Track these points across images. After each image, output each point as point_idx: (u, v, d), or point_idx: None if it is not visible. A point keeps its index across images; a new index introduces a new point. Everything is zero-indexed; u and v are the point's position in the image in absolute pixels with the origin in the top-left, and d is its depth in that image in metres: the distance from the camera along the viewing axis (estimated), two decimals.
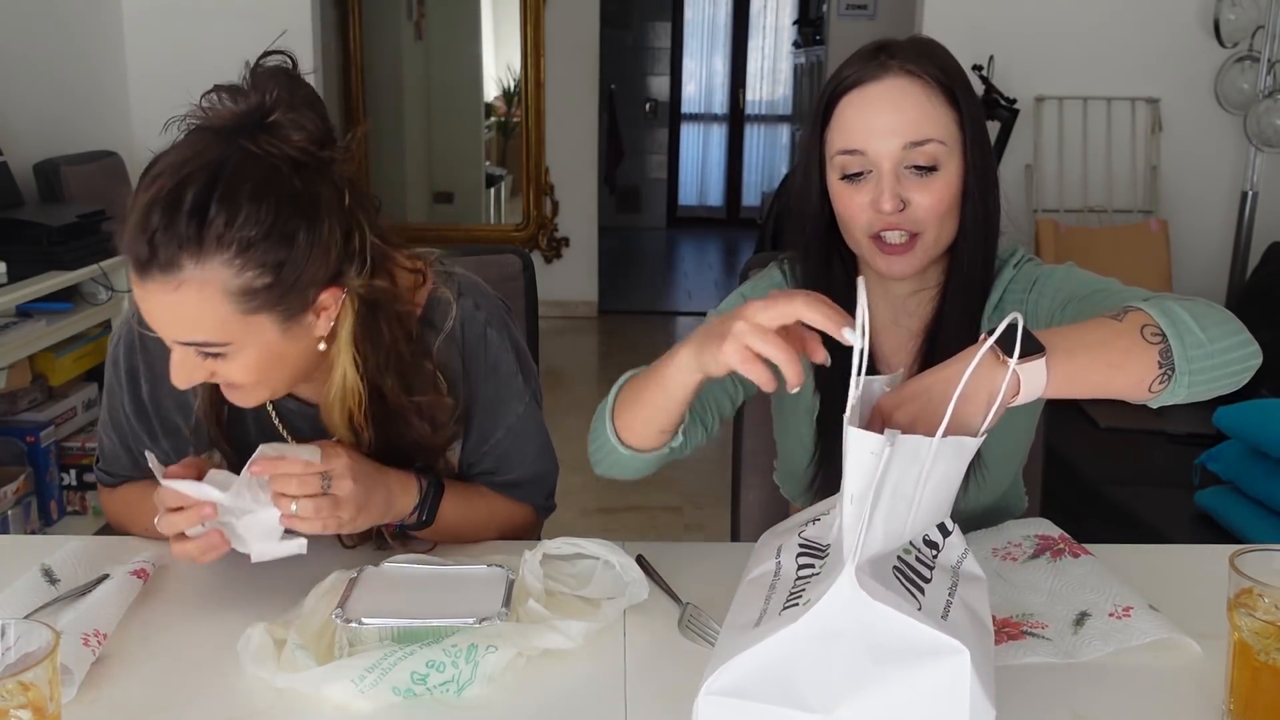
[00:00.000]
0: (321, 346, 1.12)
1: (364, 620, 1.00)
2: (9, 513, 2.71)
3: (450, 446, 1.28)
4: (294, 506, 1.06)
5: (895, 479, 0.82)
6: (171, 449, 1.25)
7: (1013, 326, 0.91)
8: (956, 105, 1.19)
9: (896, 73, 1.18)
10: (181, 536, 1.08)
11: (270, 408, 1.25)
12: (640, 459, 1.17)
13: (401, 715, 0.93)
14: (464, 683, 0.95)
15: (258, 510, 1.07)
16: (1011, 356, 0.90)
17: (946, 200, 1.19)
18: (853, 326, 0.90)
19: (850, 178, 1.20)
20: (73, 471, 2.99)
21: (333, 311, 1.11)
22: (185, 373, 1.08)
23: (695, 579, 1.15)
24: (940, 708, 0.77)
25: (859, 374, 0.87)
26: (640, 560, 1.18)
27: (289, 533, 1.09)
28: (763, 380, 0.95)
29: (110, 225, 1.03)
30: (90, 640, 0.98)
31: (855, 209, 1.20)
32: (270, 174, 1.03)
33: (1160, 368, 0.98)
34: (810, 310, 0.92)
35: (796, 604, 0.81)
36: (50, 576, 1.11)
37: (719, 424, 1.30)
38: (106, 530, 1.37)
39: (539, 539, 1.23)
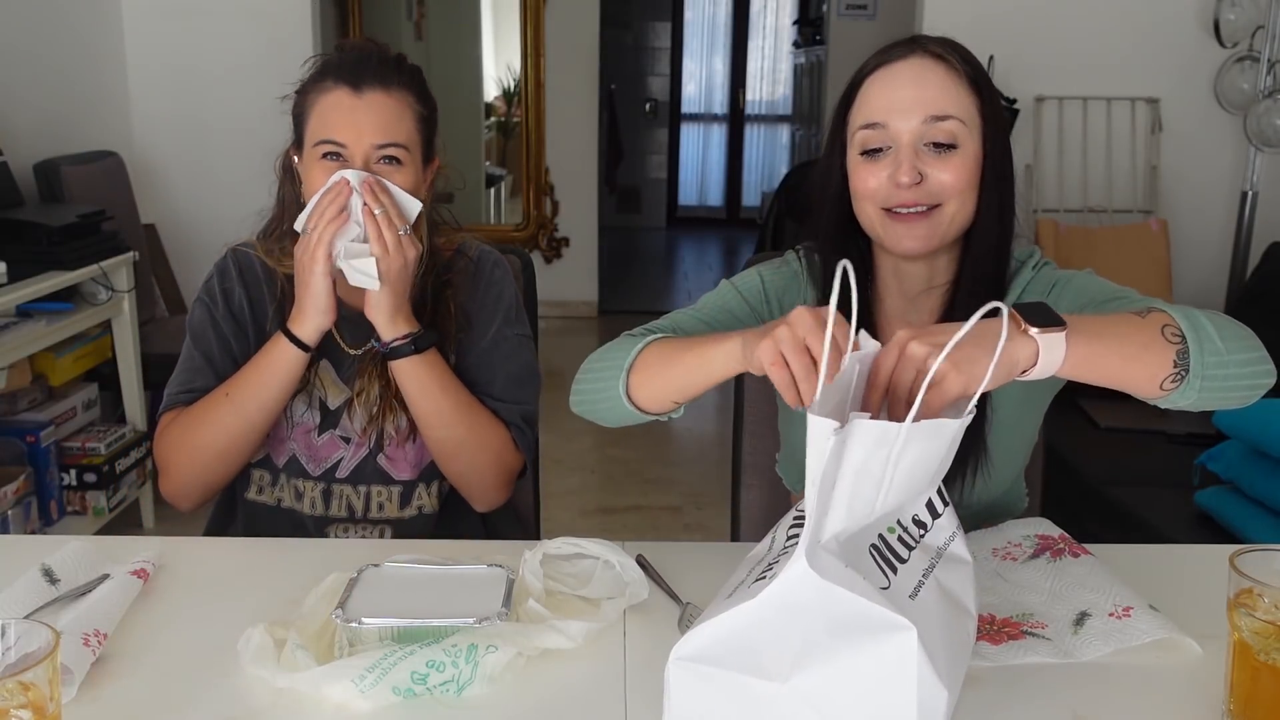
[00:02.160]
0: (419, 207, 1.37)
1: (364, 620, 1.00)
2: (9, 513, 2.70)
3: (448, 358, 1.44)
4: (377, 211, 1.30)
5: (859, 461, 0.83)
6: (254, 347, 1.42)
7: (1034, 302, 0.94)
8: (979, 94, 1.20)
9: (922, 54, 1.20)
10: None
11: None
12: (636, 416, 1.18)
13: (401, 715, 0.93)
14: (464, 683, 0.95)
15: (363, 252, 1.31)
16: (1030, 329, 0.92)
17: (965, 177, 1.19)
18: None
19: (870, 153, 1.20)
20: (73, 471, 2.98)
21: (429, 180, 1.43)
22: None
23: (695, 579, 1.15)
24: (888, 681, 0.79)
25: (825, 367, 0.88)
26: (640, 560, 1.18)
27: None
28: (785, 390, 0.96)
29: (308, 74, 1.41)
30: (90, 640, 0.98)
31: (872, 185, 1.20)
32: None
33: (1175, 367, 1.01)
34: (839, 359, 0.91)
35: (765, 578, 0.83)
36: (50, 576, 1.11)
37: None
38: (106, 530, 1.38)
39: (539, 536, 1.23)
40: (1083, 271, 1.26)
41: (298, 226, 1.33)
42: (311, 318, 1.34)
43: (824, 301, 1.28)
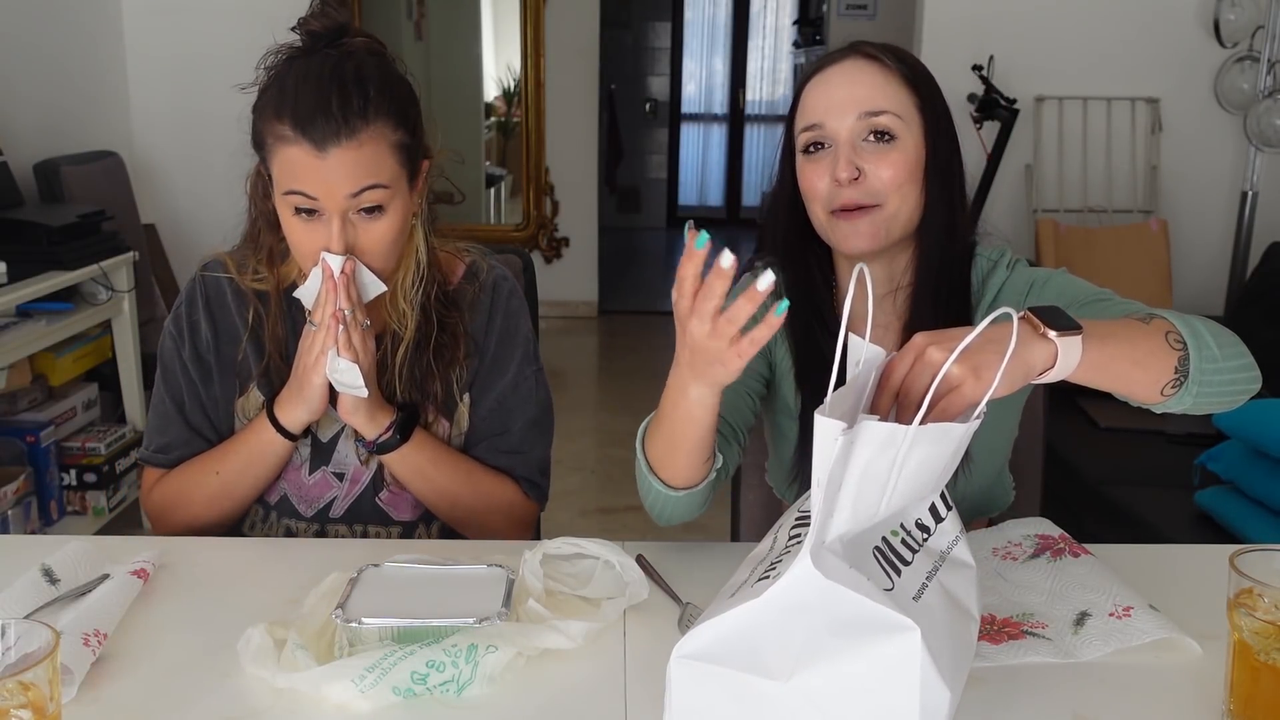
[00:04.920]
0: (413, 223, 1.31)
1: (364, 620, 1.00)
2: (9, 513, 2.71)
3: (460, 394, 1.39)
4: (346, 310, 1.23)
5: (865, 462, 0.83)
6: (222, 393, 1.39)
7: (1048, 306, 0.96)
8: (916, 91, 1.22)
9: (855, 56, 1.24)
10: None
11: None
12: (693, 495, 1.17)
13: (401, 715, 0.93)
14: (464, 683, 0.95)
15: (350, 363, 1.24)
16: (1049, 332, 0.93)
17: (904, 171, 1.20)
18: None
19: (811, 152, 1.23)
20: (73, 471, 2.99)
21: (421, 187, 1.30)
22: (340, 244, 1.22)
23: (695, 579, 1.15)
24: (891, 681, 0.79)
25: (838, 368, 0.87)
26: (640, 560, 1.18)
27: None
28: (768, 330, 0.93)
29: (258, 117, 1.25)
30: (90, 640, 0.98)
31: (819, 186, 1.22)
32: (381, 57, 1.26)
33: (1175, 373, 1.03)
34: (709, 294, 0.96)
35: (768, 578, 0.84)
36: (50, 576, 1.10)
37: (747, 434, 1.30)
38: (106, 530, 1.38)
39: (538, 538, 1.23)
40: (1058, 271, 1.28)
41: (302, 297, 1.27)
42: (301, 412, 1.30)
43: (793, 314, 1.30)
